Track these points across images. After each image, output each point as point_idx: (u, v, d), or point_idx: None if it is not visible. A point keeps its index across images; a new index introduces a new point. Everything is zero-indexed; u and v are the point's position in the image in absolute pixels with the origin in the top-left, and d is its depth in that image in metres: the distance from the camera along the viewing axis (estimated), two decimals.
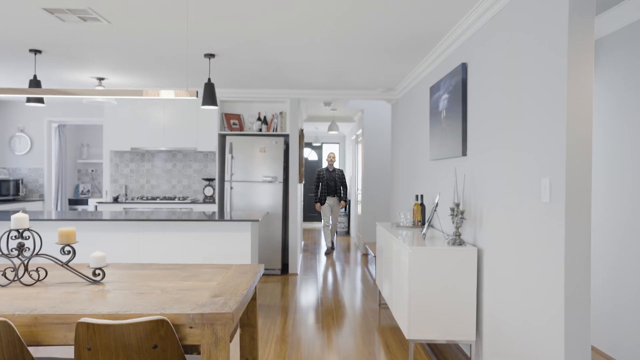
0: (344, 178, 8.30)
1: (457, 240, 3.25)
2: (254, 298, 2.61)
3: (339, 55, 4.43)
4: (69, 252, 2.18)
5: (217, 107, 4.35)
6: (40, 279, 2.24)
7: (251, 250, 4.26)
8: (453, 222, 3.30)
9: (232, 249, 4.23)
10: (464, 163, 3.53)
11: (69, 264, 2.44)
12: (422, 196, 4.41)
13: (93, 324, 1.65)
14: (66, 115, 7.33)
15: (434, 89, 4.33)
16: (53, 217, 4.23)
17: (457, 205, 3.25)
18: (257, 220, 4.10)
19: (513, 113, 2.72)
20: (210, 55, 4.33)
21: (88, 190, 8.91)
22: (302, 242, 9.01)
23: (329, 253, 8.12)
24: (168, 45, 4.11)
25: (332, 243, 8.39)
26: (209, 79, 4.32)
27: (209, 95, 4.29)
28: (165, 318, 1.69)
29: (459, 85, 3.59)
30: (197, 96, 2.37)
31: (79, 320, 1.66)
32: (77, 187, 8.86)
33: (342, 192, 8.25)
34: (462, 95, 3.52)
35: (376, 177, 8.08)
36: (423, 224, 4.40)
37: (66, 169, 8.50)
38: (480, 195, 3.20)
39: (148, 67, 5.02)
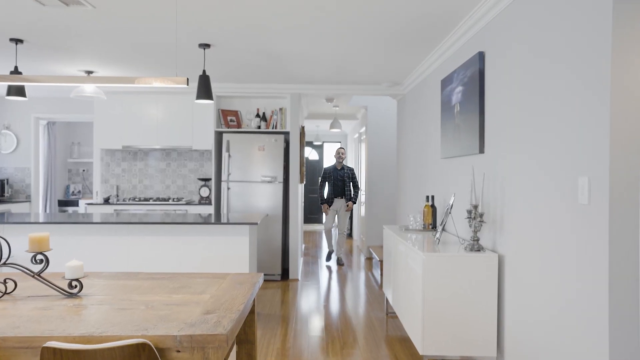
0: (355, 177, 7.35)
1: (475, 246, 3.02)
2: (252, 311, 2.38)
3: (342, 44, 4.20)
4: (41, 260, 1.95)
5: (213, 102, 4.12)
6: (7, 292, 2.01)
7: (249, 255, 4.03)
8: (470, 226, 3.07)
9: (229, 254, 4.00)
10: (481, 161, 3.30)
11: (42, 274, 2.20)
12: (433, 197, 4.18)
13: (61, 350, 1.41)
14: (55, 111, 7.10)
15: (445, 82, 4.10)
16: (28, 220, 3.99)
17: (475, 207, 3.02)
18: (256, 224, 3.87)
19: (541, 105, 2.49)
20: (205, 46, 4.10)
21: (79, 191, 8.68)
22: (303, 246, 8.78)
23: (329, 259, 7.48)
24: (159, 34, 3.88)
25: (340, 261, 7.27)
26: (204, 71, 4.09)
27: (204, 89, 4.06)
28: (148, 341, 1.46)
29: (475, 76, 3.36)
30: (186, 84, 2.14)
31: (44, 345, 1.43)
32: (67, 187, 8.63)
33: (352, 193, 7.31)
34: (478, 86, 3.29)
35: (380, 177, 7.84)
36: (434, 227, 4.17)
37: (55, 169, 8.27)
38: (501, 196, 2.97)
39: (139, 59, 4.79)
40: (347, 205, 7.28)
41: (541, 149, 2.48)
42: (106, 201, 6.31)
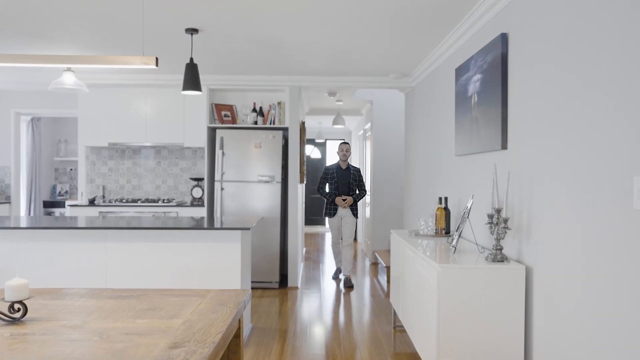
0: (363, 179, 6.18)
1: (498, 256, 2.68)
2: (237, 334, 2.06)
3: (345, 30, 3.87)
4: None
5: (201, 93, 3.79)
6: None
7: (241, 264, 3.71)
8: (492, 233, 2.74)
9: (219, 263, 3.67)
10: (504, 158, 2.97)
11: None
12: (446, 199, 3.84)
13: None
14: (38, 106, 6.79)
15: (461, 70, 3.76)
16: None
17: (498, 211, 2.68)
18: (248, 229, 3.54)
19: (579, 91, 2.15)
20: (192, 31, 3.77)
21: (66, 192, 8.38)
22: (304, 249, 8.45)
23: (336, 277, 6.41)
24: (144, 18, 3.56)
25: (348, 282, 6.04)
26: (191, 59, 3.76)
27: (191, 79, 3.74)
28: None
29: (496, 61, 3.02)
30: (155, 64, 1.81)
31: None
32: (54, 187, 8.33)
33: (359, 198, 6.15)
34: (501, 73, 2.95)
35: (387, 177, 7.51)
36: (447, 232, 3.84)
37: (40, 168, 7.97)
38: (528, 198, 2.63)
39: (124, 48, 4.46)
40: (345, 200, 5.99)
41: (582, 143, 2.14)
42: (91, 202, 6.00)
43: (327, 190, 6.12)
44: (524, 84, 2.72)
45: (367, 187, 8.40)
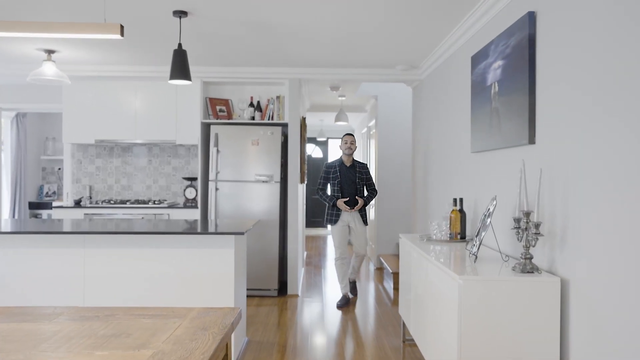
0: (372, 178, 5.31)
1: (528, 266, 2.37)
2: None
3: (349, 12, 3.56)
4: None
5: (191, 83, 3.50)
6: None
7: (235, 272, 3.40)
8: (519, 240, 2.43)
9: (210, 271, 3.37)
10: (532, 154, 2.66)
11: None
12: (461, 200, 3.54)
13: None
14: (21, 100, 6.48)
15: (478, 58, 3.46)
16: None
17: (527, 214, 2.37)
18: (242, 234, 3.23)
19: (623, 75, 1.84)
20: (181, 13, 3.47)
21: (54, 192, 8.08)
22: (305, 253, 8.15)
23: (343, 306, 5.06)
24: (130, 3, 3.25)
25: (353, 290, 5.38)
26: (180, 45, 3.46)
27: (180, 67, 3.44)
28: None
29: (522, 44, 2.71)
30: (120, 34, 1.51)
31: None
32: (40, 188, 8.03)
33: (365, 203, 5.17)
34: (528, 57, 2.64)
35: (392, 177, 7.20)
36: (463, 237, 3.53)
37: (26, 167, 7.67)
38: (562, 199, 2.32)
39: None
40: (348, 203, 5.09)
41: (626, 135, 1.83)
42: (77, 204, 5.70)
43: (328, 192, 5.23)
44: (556, 69, 2.41)
45: None
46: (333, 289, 5.91)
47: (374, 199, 5.33)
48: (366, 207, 5.24)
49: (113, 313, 1.79)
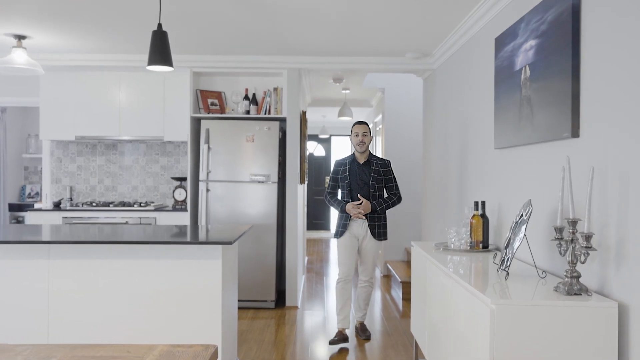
0: (394, 180, 4.16)
1: (575, 286, 1.98)
2: None
3: None
4: None
5: (172, 69, 3.11)
6: None
7: (222, 287, 3.02)
8: (563, 254, 2.04)
9: (194, 287, 2.99)
10: (575, 150, 2.26)
11: None
12: (483, 204, 3.15)
13: None
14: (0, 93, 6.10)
15: (504, 39, 3.06)
16: None
17: (574, 223, 1.98)
18: (230, 243, 2.84)
19: None
20: None
21: (37, 193, 7.71)
22: (306, 259, 7.76)
23: (338, 342, 3.97)
24: None
25: (362, 332, 4.19)
26: (160, 25, 3.08)
27: (160, 50, 3.06)
28: None
29: (563, 18, 2.32)
30: None
31: None
32: (22, 188, 7.66)
33: (384, 206, 4.06)
34: (571, 33, 2.25)
35: (400, 177, 6.78)
36: (485, 246, 3.14)
37: (6, 166, 7.30)
38: (619, 206, 1.93)
39: (86, 18, 3.79)
40: (360, 206, 3.97)
41: None
42: (57, 206, 5.34)
43: (337, 196, 4.23)
44: (606, 46, 2.01)
45: None
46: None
47: (393, 206, 4.11)
48: (382, 216, 4.09)
49: (49, 355, 1.41)
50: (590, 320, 1.87)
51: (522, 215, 2.38)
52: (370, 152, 4.19)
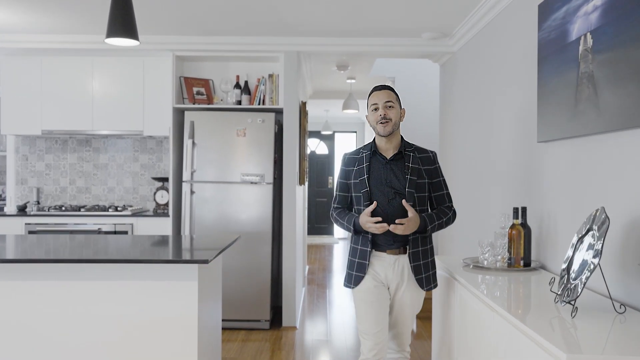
0: (443, 183, 2.60)
1: None
2: None
3: None
4: None
5: (138, 43, 2.60)
6: None
7: (198, 316, 2.50)
8: None
9: (166, 311, 2.48)
10: None
11: None
12: (524, 211, 2.62)
13: None
14: None
15: (552, 4, 2.54)
16: None
17: None
18: (206, 262, 2.32)
19: None
20: None
21: (4, 197, 7.21)
22: (307, 268, 7.25)
23: None
24: None
25: None
26: None
27: (121, 19, 2.54)
28: None
29: None
30: None
31: None
32: None
33: (437, 224, 2.49)
34: None
35: None
36: (527, 264, 2.61)
37: None
38: None
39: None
40: (402, 224, 2.35)
41: None
42: (21, 211, 4.83)
43: (348, 216, 2.55)
44: None
45: None
46: (341, 318, 5.00)
47: (446, 226, 2.57)
48: (428, 248, 2.54)
49: None
50: None
51: (589, 228, 1.85)
52: (402, 137, 2.66)
